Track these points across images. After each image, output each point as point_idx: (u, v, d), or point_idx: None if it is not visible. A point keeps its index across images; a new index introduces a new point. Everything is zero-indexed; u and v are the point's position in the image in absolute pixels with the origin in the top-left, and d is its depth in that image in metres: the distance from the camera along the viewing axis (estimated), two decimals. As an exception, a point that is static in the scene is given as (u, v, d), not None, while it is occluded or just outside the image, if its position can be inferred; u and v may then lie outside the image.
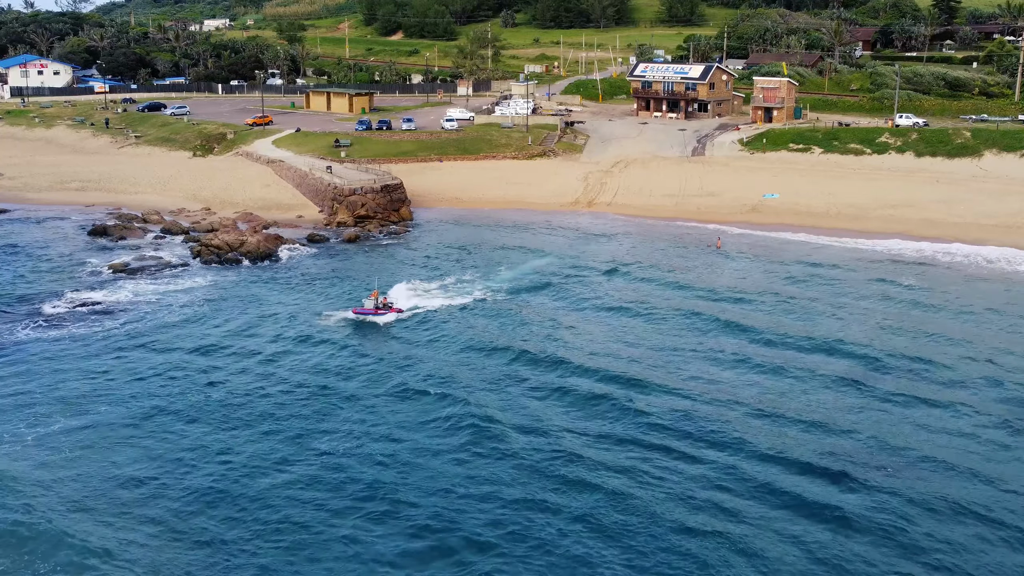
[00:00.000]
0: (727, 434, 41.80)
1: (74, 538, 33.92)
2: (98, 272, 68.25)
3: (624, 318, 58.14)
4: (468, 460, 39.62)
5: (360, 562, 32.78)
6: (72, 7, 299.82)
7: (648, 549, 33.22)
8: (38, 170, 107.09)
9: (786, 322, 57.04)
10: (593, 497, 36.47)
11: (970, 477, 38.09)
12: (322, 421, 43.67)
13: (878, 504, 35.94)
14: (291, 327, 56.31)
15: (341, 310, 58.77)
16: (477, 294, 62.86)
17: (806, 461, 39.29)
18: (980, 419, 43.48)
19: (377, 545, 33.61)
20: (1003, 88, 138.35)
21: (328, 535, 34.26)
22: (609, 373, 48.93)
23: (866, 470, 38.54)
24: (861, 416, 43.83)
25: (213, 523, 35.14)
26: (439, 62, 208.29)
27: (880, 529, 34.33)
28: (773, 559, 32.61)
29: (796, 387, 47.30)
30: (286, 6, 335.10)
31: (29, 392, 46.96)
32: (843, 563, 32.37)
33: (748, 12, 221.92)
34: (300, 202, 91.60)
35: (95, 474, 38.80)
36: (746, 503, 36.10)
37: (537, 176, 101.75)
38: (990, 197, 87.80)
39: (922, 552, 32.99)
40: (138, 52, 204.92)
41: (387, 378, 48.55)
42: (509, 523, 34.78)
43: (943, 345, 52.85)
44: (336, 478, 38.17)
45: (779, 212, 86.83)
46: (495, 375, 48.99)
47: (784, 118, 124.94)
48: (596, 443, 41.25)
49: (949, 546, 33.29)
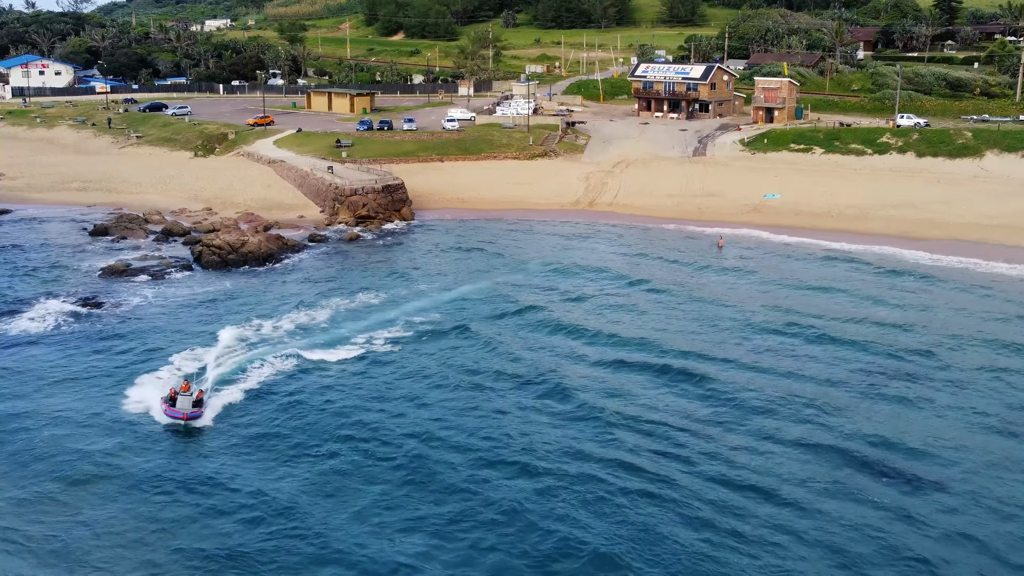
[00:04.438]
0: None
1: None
2: (99, 272, 68.24)
3: (624, 319, 58.21)
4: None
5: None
6: (73, 7, 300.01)
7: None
8: (39, 170, 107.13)
9: (787, 322, 57.17)
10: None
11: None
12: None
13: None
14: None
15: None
16: (480, 295, 62.89)
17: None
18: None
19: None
20: (1004, 88, 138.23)
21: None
22: (610, 376, 48.87)
23: (866, 468, 38.68)
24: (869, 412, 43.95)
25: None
26: (440, 62, 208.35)
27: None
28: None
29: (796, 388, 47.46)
30: (287, 6, 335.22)
31: (29, 392, 47.05)
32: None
33: (749, 12, 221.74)
34: (301, 202, 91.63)
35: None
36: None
37: (538, 176, 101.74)
38: (991, 197, 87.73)
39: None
40: (139, 52, 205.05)
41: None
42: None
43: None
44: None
45: (780, 212, 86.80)
46: (504, 387, 49.04)
47: (785, 118, 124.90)
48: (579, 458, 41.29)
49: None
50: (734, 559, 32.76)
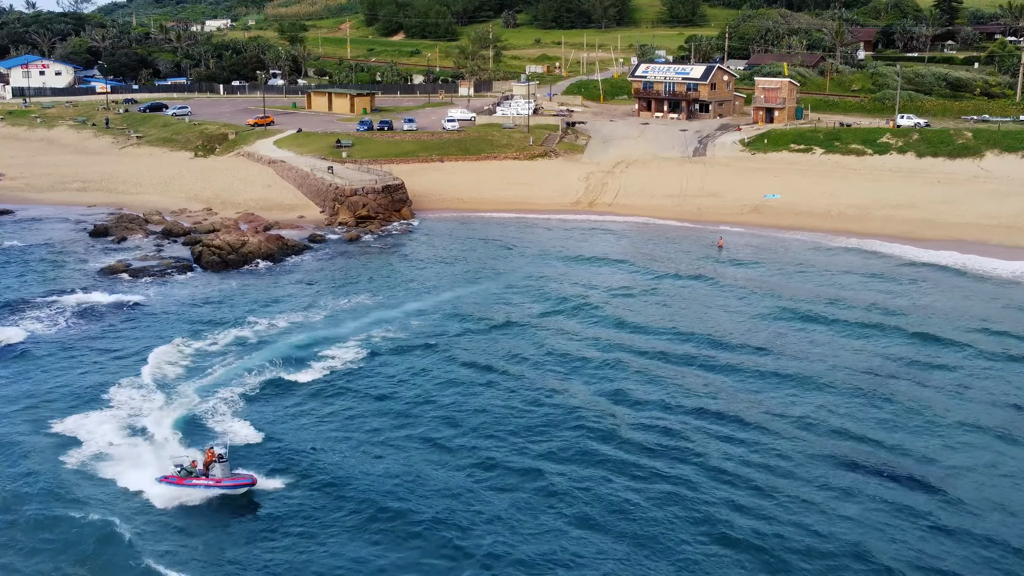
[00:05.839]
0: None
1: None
2: (99, 272, 68.24)
3: (624, 317, 58.23)
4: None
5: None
6: (74, 7, 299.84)
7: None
8: (40, 171, 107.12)
9: (791, 320, 57.19)
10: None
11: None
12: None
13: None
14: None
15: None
16: (480, 296, 62.90)
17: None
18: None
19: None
20: (1004, 88, 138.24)
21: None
22: (611, 378, 48.91)
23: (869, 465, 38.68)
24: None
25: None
26: (440, 62, 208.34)
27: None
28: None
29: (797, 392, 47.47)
30: (287, 6, 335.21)
31: (29, 392, 47.09)
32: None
33: (749, 12, 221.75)
34: (302, 202, 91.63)
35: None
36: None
37: (538, 177, 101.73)
38: (991, 197, 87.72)
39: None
40: (140, 52, 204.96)
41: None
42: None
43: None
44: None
45: (780, 212, 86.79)
46: (506, 385, 49.11)
47: (785, 118, 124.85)
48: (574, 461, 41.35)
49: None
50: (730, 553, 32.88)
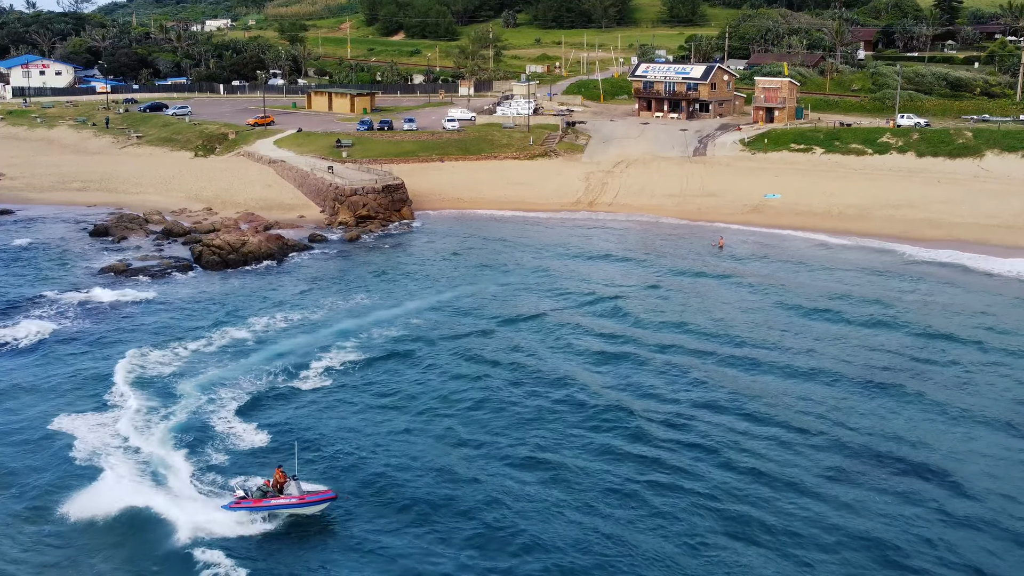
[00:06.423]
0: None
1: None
2: (99, 272, 68.22)
3: (623, 319, 58.24)
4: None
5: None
6: (74, 7, 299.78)
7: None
8: (40, 170, 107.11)
9: (791, 321, 57.21)
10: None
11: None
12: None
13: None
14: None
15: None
16: (480, 295, 62.91)
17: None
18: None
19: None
20: (1004, 88, 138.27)
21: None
22: (610, 381, 48.96)
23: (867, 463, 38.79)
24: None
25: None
26: (440, 62, 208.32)
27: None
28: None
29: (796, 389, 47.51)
30: (287, 6, 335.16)
31: (27, 392, 47.08)
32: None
33: (749, 12, 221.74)
34: (302, 202, 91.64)
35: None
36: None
37: (539, 176, 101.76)
38: (992, 197, 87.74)
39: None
40: (140, 52, 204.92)
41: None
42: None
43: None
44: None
45: (780, 212, 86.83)
46: (520, 389, 49.14)
47: (785, 118, 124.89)
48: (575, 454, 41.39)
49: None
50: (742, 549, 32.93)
